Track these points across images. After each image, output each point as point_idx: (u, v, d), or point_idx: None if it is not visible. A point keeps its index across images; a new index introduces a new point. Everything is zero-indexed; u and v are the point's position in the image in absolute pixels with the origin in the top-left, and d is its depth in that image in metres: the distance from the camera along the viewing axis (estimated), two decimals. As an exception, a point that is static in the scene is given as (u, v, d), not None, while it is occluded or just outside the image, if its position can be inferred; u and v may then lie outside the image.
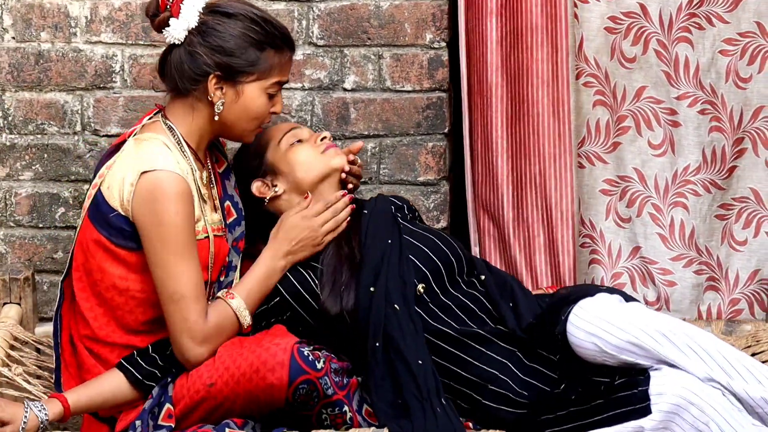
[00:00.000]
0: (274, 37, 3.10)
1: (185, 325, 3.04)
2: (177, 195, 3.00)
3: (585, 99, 3.67)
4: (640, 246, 3.72)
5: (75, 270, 3.13)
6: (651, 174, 3.69)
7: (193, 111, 3.12)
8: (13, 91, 3.69)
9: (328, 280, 3.19)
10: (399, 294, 3.16)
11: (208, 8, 3.07)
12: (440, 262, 3.24)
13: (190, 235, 3.04)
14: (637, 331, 2.96)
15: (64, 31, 3.67)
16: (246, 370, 2.99)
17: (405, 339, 3.11)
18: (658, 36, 3.61)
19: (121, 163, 3.07)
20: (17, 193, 3.73)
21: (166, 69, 3.12)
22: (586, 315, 3.01)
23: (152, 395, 3.08)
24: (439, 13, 3.64)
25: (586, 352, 3.01)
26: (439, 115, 3.68)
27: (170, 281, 3.02)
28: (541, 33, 3.59)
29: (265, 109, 3.14)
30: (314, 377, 2.99)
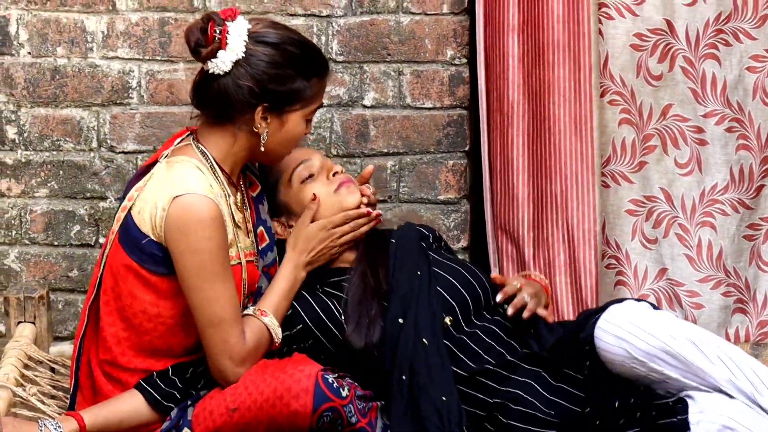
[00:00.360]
0: (317, 65, 3.10)
1: (225, 347, 3.04)
2: (210, 220, 2.99)
3: (610, 117, 3.65)
4: (666, 267, 3.71)
5: (103, 293, 3.12)
6: (678, 194, 3.68)
7: (234, 139, 3.10)
8: (29, 107, 3.70)
9: (353, 314, 3.17)
10: (428, 327, 3.14)
11: (252, 37, 3.04)
12: (468, 294, 3.22)
13: (224, 258, 3.03)
14: (667, 337, 2.91)
15: (81, 47, 3.67)
16: (270, 395, 2.97)
17: (431, 375, 3.09)
18: (685, 53, 3.61)
19: (153, 186, 3.05)
20: (32, 211, 3.73)
21: (206, 96, 3.08)
22: (615, 320, 2.95)
23: (170, 417, 3.06)
24: (461, 29, 3.63)
25: (614, 358, 2.95)
26: (459, 133, 3.67)
27: (208, 306, 3.02)
28: (563, 50, 3.57)
29: (302, 134, 3.15)
30: (339, 405, 2.97)
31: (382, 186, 3.69)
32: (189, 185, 3.00)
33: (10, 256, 3.75)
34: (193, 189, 3.00)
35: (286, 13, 3.62)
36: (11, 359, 3.23)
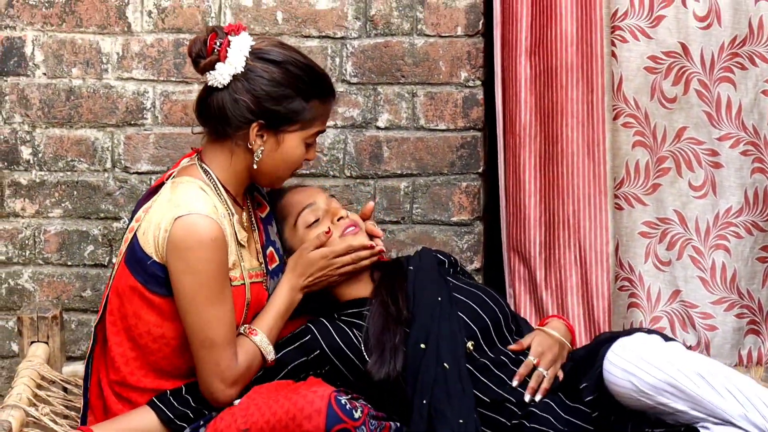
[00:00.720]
0: (320, 87, 3.09)
1: (217, 369, 3.04)
2: (211, 241, 2.98)
3: (624, 139, 3.66)
4: (680, 290, 3.71)
5: (109, 314, 3.12)
6: (692, 216, 3.69)
7: (231, 156, 3.10)
8: (44, 128, 3.70)
9: (376, 345, 3.17)
10: (450, 352, 3.14)
11: (254, 54, 3.04)
12: (488, 319, 3.23)
13: (222, 281, 3.02)
14: (674, 371, 2.90)
15: (96, 68, 3.68)
16: (282, 416, 2.94)
17: (450, 400, 3.09)
18: (700, 76, 3.62)
19: (157, 207, 3.05)
20: (46, 231, 3.74)
21: (206, 111, 3.09)
22: (623, 353, 2.95)
23: None
24: (474, 51, 3.63)
25: (622, 391, 2.95)
26: (473, 155, 3.67)
27: (202, 328, 3.02)
28: (576, 72, 3.59)
29: (301, 159, 3.13)
30: (351, 426, 2.94)
31: (396, 207, 3.69)
32: (191, 206, 3.00)
33: (24, 275, 3.75)
34: (195, 209, 3.00)
35: (301, 34, 3.63)
36: (24, 379, 3.24)
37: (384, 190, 3.68)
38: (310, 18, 3.64)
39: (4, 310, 3.76)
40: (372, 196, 3.68)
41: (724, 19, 3.57)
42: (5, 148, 3.71)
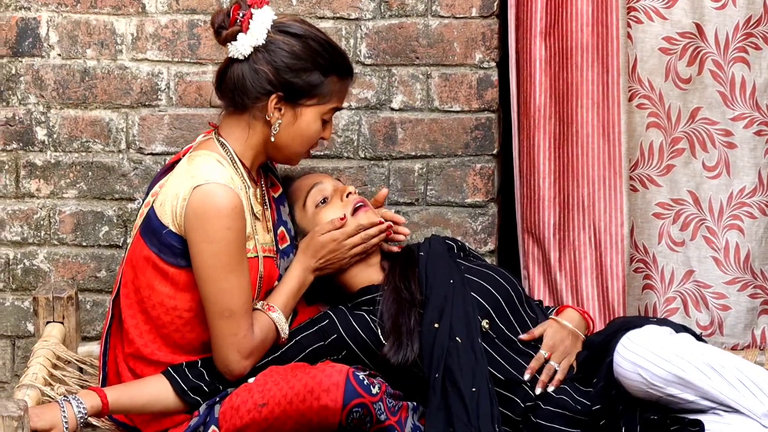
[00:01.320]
0: (339, 63, 3.11)
1: (234, 339, 3.06)
2: (230, 209, 3.00)
3: (638, 121, 3.65)
4: (693, 270, 3.71)
5: (123, 286, 3.15)
6: (705, 196, 3.69)
7: (248, 128, 3.12)
8: (59, 108, 3.70)
9: (391, 329, 3.18)
10: (462, 328, 3.16)
11: (276, 27, 3.07)
12: (502, 298, 3.23)
13: (240, 250, 3.04)
14: (683, 363, 2.90)
15: (110, 48, 3.68)
16: (300, 389, 2.96)
17: (462, 369, 3.10)
18: (714, 56, 3.62)
19: (174, 179, 3.08)
20: (61, 211, 3.74)
21: (225, 82, 3.12)
22: (632, 346, 2.95)
23: (198, 413, 3.08)
24: (489, 32, 3.63)
25: (631, 384, 2.95)
26: (487, 136, 3.66)
27: (221, 297, 3.03)
28: (591, 53, 3.58)
29: (318, 134, 3.14)
30: (369, 401, 2.96)
31: (410, 189, 3.68)
32: (210, 175, 3.02)
33: (39, 256, 3.75)
34: (214, 179, 3.01)
35: (315, 15, 3.62)
36: (40, 359, 3.25)
37: (398, 171, 3.68)
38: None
39: (20, 290, 3.76)
40: (386, 177, 3.67)
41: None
42: (20, 128, 3.71)
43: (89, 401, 3.02)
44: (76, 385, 3.28)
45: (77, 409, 2.99)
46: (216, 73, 3.14)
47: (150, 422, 3.15)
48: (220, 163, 3.06)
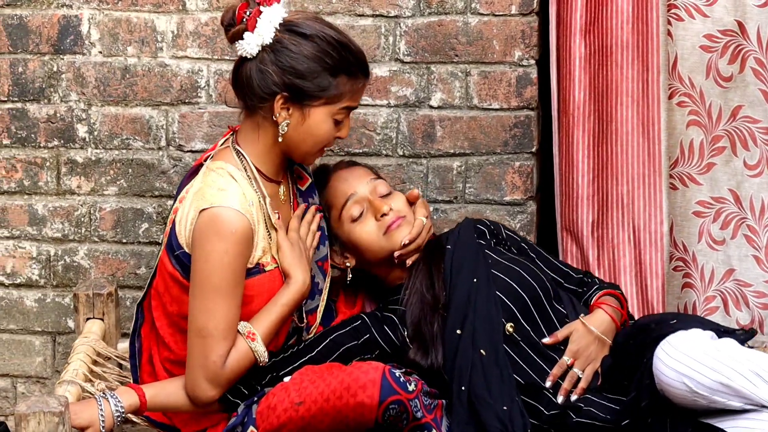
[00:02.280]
0: (348, 63, 3.06)
1: (203, 362, 3.04)
2: (231, 234, 2.99)
3: (678, 119, 3.65)
4: (734, 268, 3.71)
5: (154, 298, 3.19)
6: (746, 195, 3.68)
7: (258, 129, 3.10)
8: (99, 106, 3.72)
9: (414, 337, 3.18)
10: (486, 337, 3.15)
11: (284, 26, 3.04)
12: (528, 296, 3.21)
13: (235, 275, 3.02)
14: (728, 371, 2.86)
15: (151, 46, 3.69)
16: (337, 387, 2.96)
17: (489, 386, 3.10)
18: (756, 54, 3.60)
19: (189, 197, 3.10)
20: (101, 208, 3.76)
21: (237, 81, 3.12)
22: (675, 353, 2.90)
23: (237, 413, 3.09)
24: (529, 30, 3.61)
25: (675, 392, 2.91)
26: (526, 134, 3.66)
27: (200, 316, 3.02)
28: (631, 50, 3.57)
29: (330, 134, 3.11)
30: (405, 398, 2.96)
31: (448, 187, 3.68)
32: (217, 198, 3.02)
33: (80, 252, 3.77)
34: (219, 202, 3.01)
35: (354, 13, 3.61)
36: (80, 355, 3.27)
37: (436, 169, 3.67)
38: (364, -4, 3.65)
39: (61, 287, 3.79)
40: (424, 175, 3.66)
41: (781, -4, 3.54)
42: (61, 126, 3.73)
43: (127, 399, 3.04)
44: (116, 381, 3.32)
45: (114, 407, 3.01)
46: (231, 71, 3.12)
47: (189, 421, 3.16)
48: (232, 177, 3.05)
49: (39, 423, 2.80)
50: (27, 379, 3.83)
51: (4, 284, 3.80)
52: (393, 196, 3.28)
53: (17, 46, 3.70)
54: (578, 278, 3.38)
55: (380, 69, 3.62)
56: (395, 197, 3.27)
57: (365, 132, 3.61)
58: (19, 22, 3.69)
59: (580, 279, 3.38)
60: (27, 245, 3.79)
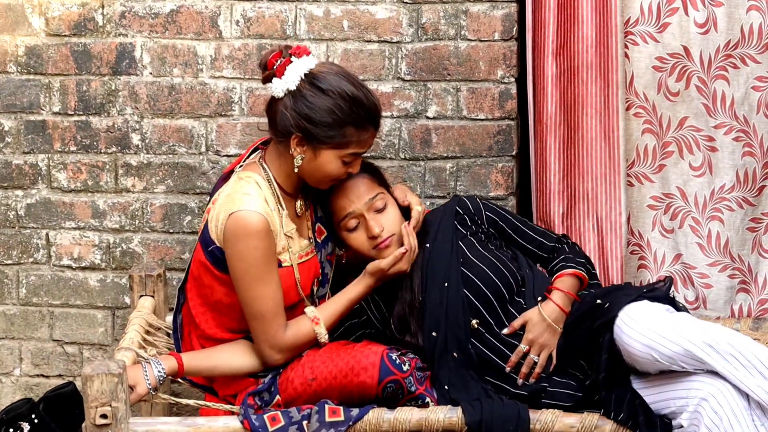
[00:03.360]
0: (358, 117, 3.05)
1: (265, 337, 3.12)
2: (256, 232, 3.02)
3: (635, 127, 3.67)
4: (681, 253, 3.74)
5: (190, 282, 3.23)
6: (692, 192, 3.70)
7: (280, 157, 3.13)
8: (150, 118, 3.79)
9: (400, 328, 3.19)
10: (455, 340, 3.14)
11: (309, 76, 3.04)
12: (491, 293, 3.19)
13: (267, 265, 3.06)
14: (687, 343, 2.91)
15: (193, 68, 3.75)
16: (342, 367, 3.07)
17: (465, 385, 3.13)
18: (699, 74, 3.63)
19: (221, 200, 3.10)
20: (152, 204, 3.84)
21: (268, 114, 3.15)
22: (637, 326, 2.93)
23: (263, 381, 3.17)
24: (509, 53, 3.67)
25: (641, 360, 2.96)
26: (507, 140, 3.71)
27: (252, 303, 3.09)
28: (594, 70, 3.59)
29: (339, 171, 3.10)
30: (400, 377, 3.06)
31: (442, 184, 3.73)
32: (242, 203, 3.03)
33: (134, 240, 3.86)
34: (245, 206, 3.02)
35: (363, 39, 3.67)
36: (135, 326, 3.41)
37: (432, 170, 3.74)
38: (371, 26, 3.69)
39: (119, 269, 3.87)
40: (422, 175, 3.71)
41: (720, 25, 3.57)
42: (119, 135, 3.80)
43: (167, 363, 3.10)
44: (164, 348, 3.39)
45: (156, 370, 3.07)
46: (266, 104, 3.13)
47: (223, 385, 3.24)
48: (258, 185, 3.07)
49: (102, 383, 2.90)
50: (91, 346, 3.91)
51: (72, 267, 3.87)
52: (386, 212, 3.20)
53: (82, 68, 3.77)
54: (550, 246, 3.33)
55: (385, 86, 3.68)
56: (387, 213, 3.20)
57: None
58: (83, 49, 3.76)
59: (552, 247, 3.33)
60: (90, 235, 3.86)
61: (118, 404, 2.91)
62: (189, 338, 3.28)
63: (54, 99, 3.81)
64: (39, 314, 3.93)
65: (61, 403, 3.35)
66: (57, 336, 3.95)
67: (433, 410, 3.04)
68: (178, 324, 3.29)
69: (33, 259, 3.90)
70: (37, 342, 3.95)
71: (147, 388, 3.05)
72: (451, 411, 3.04)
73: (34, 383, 3.95)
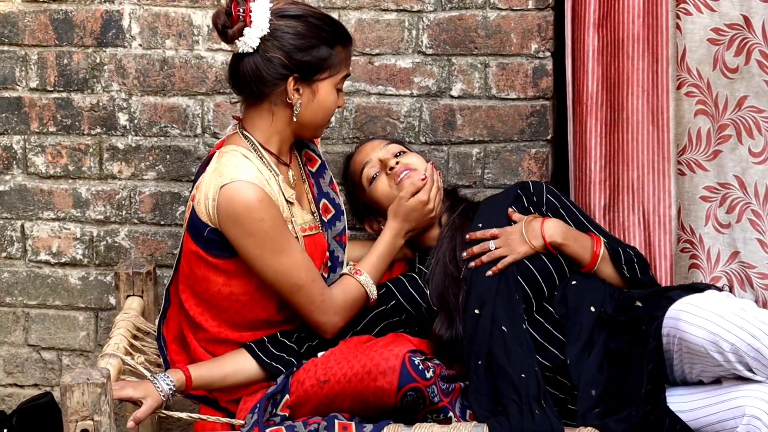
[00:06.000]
0: (341, 34, 3.11)
1: (314, 306, 3.09)
2: (257, 202, 3.01)
3: (686, 108, 3.60)
4: (739, 251, 3.64)
5: (181, 281, 3.19)
6: (751, 181, 3.61)
7: (271, 115, 3.11)
8: (139, 96, 3.72)
9: (439, 306, 3.20)
10: (506, 317, 3.15)
11: (275, 14, 3.05)
12: (542, 278, 3.21)
13: (280, 233, 3.05)
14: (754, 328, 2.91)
15: (187, 39, 3.68)
16: (359, 370, 2.98)
17: (509, 357, 3.08)
18: (761, 47, 3.52)
19: (206, 178, 3.10)
20: (141, 192, 3.76)
21: (240, 77, 3.09)
22: (701, 312, 2.93)
23: (276, 382, 3.11)
24: (545, 24, 3.59)
25: (699, 356, 2.95)
26: (542, 123, 3.63)
27: (282, 278, 3.05)
28: (642, 43, 3.54)
29: (336, 103, 3.15)
30: (422, 386, 2.97)
31: (468, 172, 3.66)
32: (233, 173, 3.02)
33: (121, 233, 3.77)
34: (237, 177, 3.01)
35: (380, 8, 3.59)
36: (121, 330, 3.30)
37: (457, 156, 3.65)
38: (388, -9, 3.62)
39: (103, 266, 3.79)
40: (445, 161, 3.65)
41: (785, -9, 3.49)
42: (104, 114, 3.73)
43: (175, 377, 3.05)
44: (154, 355, 3.31)
45: (165, 383, 3.01)
46: (228, 71, 3.13)
47: (224, 389, 3.15)
48: (246, 158, 3.07)
49: (83, 393, 2.82)
50: (71, 352, 3.84)
51: (50, 263, 3.80)
52: (407, 154, 3.33)
53: (63, 39, 3.69)
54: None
55: (404, 61, 3.61)
56: (409, 155, 3.33)
57: (389, 120, 3.59)
58: (65, 17, 3.68)
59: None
60: (71, 226, 3.78)
61: (101, 418, 2.85)
62: (180, 345, 3.24)
63: (31, 73, 3.76)
64: (13, 316, 3.88)
65: (36, 416, 3.37)
66: (33, 341, 3.89)
67: (455, 427, 2.97)
68: (161, 331, 3.26)
69: (6, 254, 3.85)
70: (11, 347, 3.90)
71: (161, 399, 3.00)
72: (477, 428, 2.96)
73: (7, 393, 3.93)
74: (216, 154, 3.12)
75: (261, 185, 3.02)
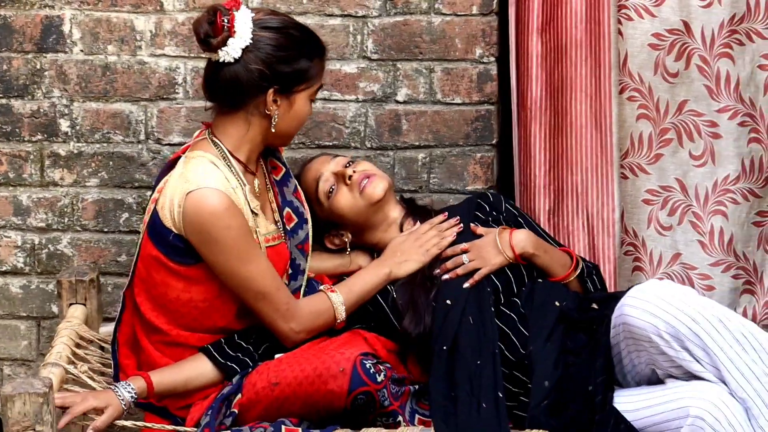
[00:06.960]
0: (318, 46, 3.12)
1: (278, 314, 3.07)
2: (224, 210, 2.99)
3: (629, 113, 3.63)
4: (680, 253, 3.69)
5: (137, 285, 3.16)
6: (692, 183, 3.67)
7: (247, 125, 3.09)
8: (81, 102, 3.67)
9: (408, 303, 3.20)
10: (476, 307, 3.16)
11: (257, 25, 3.04)
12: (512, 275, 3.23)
13: (246, 241, 3.03)
14: (696, 314, 2.91)
15: (130, 45, 3.64)
16: (310, 373, 2.97)
17: (470, 342, 3.09)
18: (701, 52, 3.58)
19: (171, 183, 3.06)
20: (84, 199, 3.72)
21: (218, 86, 3.07)
22: (645, 296, 2.94)
23: (232, 383, 3.10)
24: (489, 29, 3.59)
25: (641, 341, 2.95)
26: (487, 127, 3.63)
27: (247, 285, 3.04)
28: (584, 49, 3.55)
29: (308, 114, 3.15)
30: (373, 389, 2.97)
31: (414, 177, 3.65)
32: (200, 180, 3.00)
33: (63, 241, 3.73)
34: (205, 183, 2.99)
35: (324, 13, 3.58)
36: (63, 338, 3.25)
37: (402, 160, 3.64)
38: (333, -3, 3.62)
39: (45, 273, 3.76)
40: (391, 166, 3.63)
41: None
42: (45, 120, 3.69)
43: (136, 384, 3.02)
44: (98, 363, 3.28)
45: (126, 391, 2.99)
46: (203, 78, 3.10)
47: (175, 396, 3.12)
48: (214, 165, 3.04)
49: (24, 403, 2.78)
50: (13, 362, 3.81)
51: None
52: (357, 162, 3.31)
53: (1, 44, 3.65)
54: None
55: (349, 66, 3.60)
56: (360, 162, 3.32)
57: (335, 126, 3.57)
58: (3, 22, 3.64)
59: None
60: (12, 234, 3.75)
61: (43, 428, 2.82)
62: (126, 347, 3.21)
63: (-31, 79, 3.75)
64: (-48, 326, 3.86)
65: (-24, 427, 3.30)
66: (-27, 351, 3.87)
67: (403, 431, 2.95)
68: (116, 335, 3.22)
69: (-55, 262, 3.83)
70: (-51, 357, 3.88)
71: (122, 408, 2.97)
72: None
73: (-54, 405, 3.89)
74: (182, 158, 3.09)
75: (228, 193, 3.01)
